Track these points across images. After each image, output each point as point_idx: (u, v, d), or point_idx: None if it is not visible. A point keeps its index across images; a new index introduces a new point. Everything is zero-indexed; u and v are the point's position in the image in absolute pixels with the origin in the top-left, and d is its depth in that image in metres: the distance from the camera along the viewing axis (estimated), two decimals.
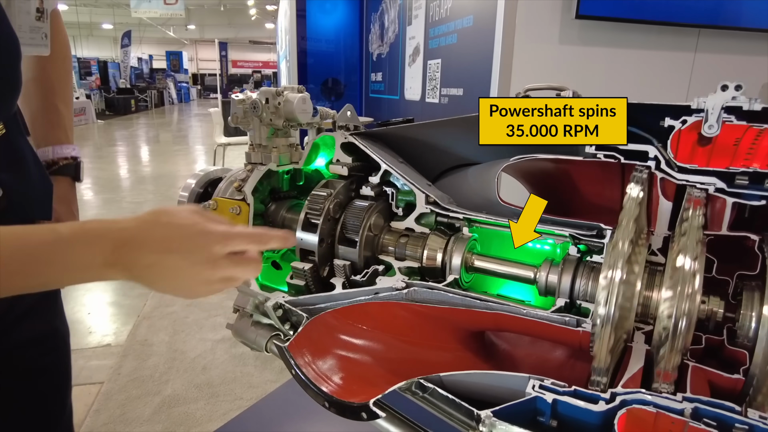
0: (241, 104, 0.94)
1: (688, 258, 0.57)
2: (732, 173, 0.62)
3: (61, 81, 1.06)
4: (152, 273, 0.55)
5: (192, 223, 0.56)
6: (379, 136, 0.97)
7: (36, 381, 0.94)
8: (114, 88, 18.98)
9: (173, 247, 0.55)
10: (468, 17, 2.89)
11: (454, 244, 0.82)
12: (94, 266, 0.54)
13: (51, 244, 0.53)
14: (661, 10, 2.50)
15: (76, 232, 0.54)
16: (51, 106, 1.02)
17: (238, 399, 2.34)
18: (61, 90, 1.06)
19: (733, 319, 0.62)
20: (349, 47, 5.90)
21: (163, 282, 0.57)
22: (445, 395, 0.63)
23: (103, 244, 0.54)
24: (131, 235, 0.55)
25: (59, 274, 0.55)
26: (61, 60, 1.05)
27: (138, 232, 0.55)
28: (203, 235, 0.55)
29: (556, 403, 0.59)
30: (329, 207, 0.88)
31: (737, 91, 0.61)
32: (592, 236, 0.72)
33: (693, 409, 0.53)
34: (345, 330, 0.81)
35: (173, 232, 0.55)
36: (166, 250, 0.55)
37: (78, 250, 0.53)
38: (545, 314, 0.69)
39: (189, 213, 0.58)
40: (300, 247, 0.89)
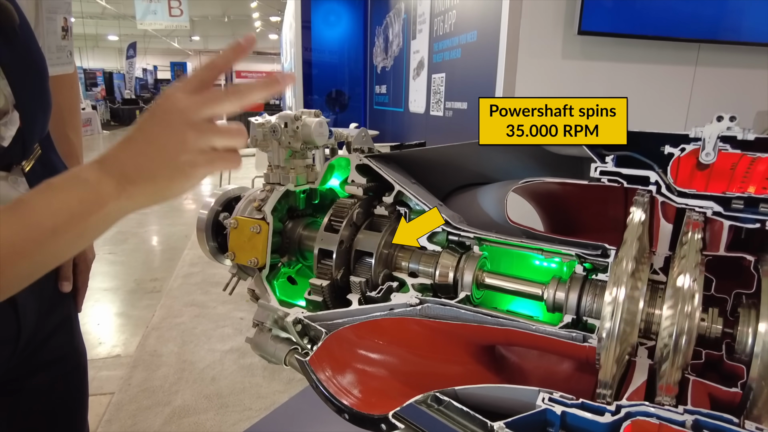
0: (260, 128, 0.98)
1: (688, 278, 0.61)
2: (728, 198, 0.66)
3: (71, 109, 1.06)
4: (139, 160, 0.53)
5: (167, 108, 0.54)
6: (392, 158, 1.02)
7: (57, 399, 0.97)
8: (119, 99, 19.17)
9: (153, 128, 0.54)
10: (472, 32, 2.95)
11: (465, 261, 0.86)
12: (87, 187, 0.52)
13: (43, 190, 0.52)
14: (662, 25, 2.55)
15: (63, 174, 0.54)
16: (63, 137, 1.02)
17: (247, 409, 2.37)
18: (71, 118, 1.06)
19: (732, 335, 0.66)
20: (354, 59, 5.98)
21: (151, 165, 0.53)
22: (460, 407, 0.66)
23: (89, 166, 0.53)
24: (112, 147, 0.55)
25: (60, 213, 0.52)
26: (69, 87, 1.04)
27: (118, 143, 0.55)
28: (179, 107, 0.53)
29: (565, 415, 0.62)
30: (352, 214, 0.94)
31: (732, 122, 0.65)
32: (597, 255, 0.76)
33: (694, 421, 0.56)
34: (362, 344, 0.85)
35: (150, 120, 0.54)
36: (147, 134, 0.54)
37: (67, 181, 0.53)
38: (553, 330, 0.73)
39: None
40: (320, 247, 0.93)
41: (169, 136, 0.53)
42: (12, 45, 0.71)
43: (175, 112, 0.53)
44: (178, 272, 4.18)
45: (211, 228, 1.10)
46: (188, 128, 0.53)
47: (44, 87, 0.81)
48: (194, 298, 3.65)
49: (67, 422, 1.01)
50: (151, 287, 3.96)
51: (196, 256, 4.46)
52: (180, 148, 0.53)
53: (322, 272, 0.93)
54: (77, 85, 1.10)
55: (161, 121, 0.54)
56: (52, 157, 0.89)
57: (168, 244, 5.21)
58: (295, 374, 2.65)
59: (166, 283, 3.99)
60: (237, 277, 1.08)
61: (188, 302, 3.60)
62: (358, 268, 0.93)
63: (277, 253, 1.04)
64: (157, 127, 0.54)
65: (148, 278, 4.15)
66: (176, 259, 4.53)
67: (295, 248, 1.05)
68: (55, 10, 0.92)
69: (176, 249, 4.83)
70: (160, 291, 3.85)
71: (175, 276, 4.10)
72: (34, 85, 0.78)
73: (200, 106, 0.54)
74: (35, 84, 0.78)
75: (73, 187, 0.52)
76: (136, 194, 0.54)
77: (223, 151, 0.56)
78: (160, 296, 3.74)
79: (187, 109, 0.53)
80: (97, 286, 3.96)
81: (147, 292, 3.86)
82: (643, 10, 2.51)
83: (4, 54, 0.69)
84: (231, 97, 0.55)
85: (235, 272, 1.07)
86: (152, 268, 4.47)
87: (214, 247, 1.12)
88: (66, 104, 1.02)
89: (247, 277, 1.08)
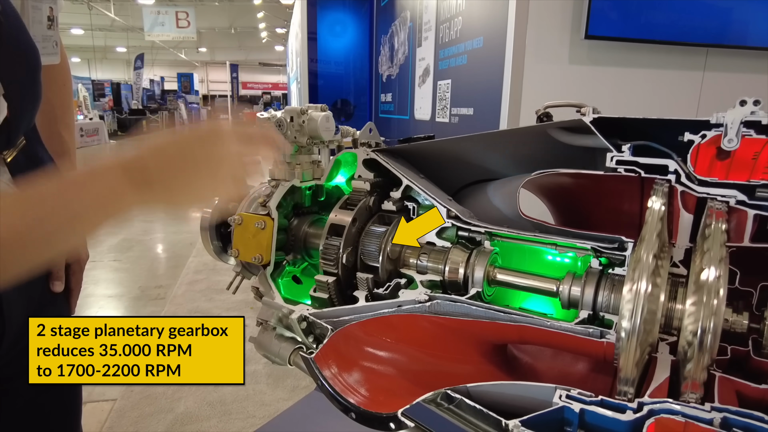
0: (266, 123, 0.97)
1: (713, 271, 0.58)
2: (753, 186, 0.63)
3: (63, 107, 1.05)
4: (166, 171, 0.56)
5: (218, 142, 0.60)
6: (399, 152, 0.99)
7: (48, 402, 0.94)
8: (126, 109, 19.33)
9: (194, 149, 0.58)
10: (478, 38, 2.94)
11: (476, 257, 0.83)
12: (107, 185, 0.53)
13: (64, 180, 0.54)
14: (669, 29, 2.53)
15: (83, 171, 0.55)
16: (55, 134, 1.01)
17: (250, 417, 2.33)
18: (63, 116, 1.05)
19: (759, 330, 0.63)
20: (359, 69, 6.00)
21: (176, 179, 0.57)
22: (473, 405, 0.63)
23: (112, 165, 0.54)
24: (138, 152, 0.56)
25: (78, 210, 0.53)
26: (61, 85, 1.03)
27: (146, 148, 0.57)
28: (229, 149, 0.60)
29: (584, 412, 0.59)
30: (369, 200, 0.95)
31: (756, 106, 0.62)
32: (614, 249, 0.73)
33: (722, 419, 0.53)
34: (369, 342, 0.82)
35: (195, 141, 0.59)
36: (184, 151, 0.58)
37: (88, 177, 0.54)
38: (569, 326, 0.70)
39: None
40: (332, 223, 0.92)
41: (210, 177, 0.58)
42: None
43: (227, 159, 0.59)
44: (183, 279, 4.16)
45: (215, 227, 1.08)
46: (229, 173, 0.59)
47: (35, 78, 0.80)
48: (198, 305, 3.63)
49: (60, 425, 0.98)
50: (155, 294, 3.94)
51: (200, 264, 4.44)
52: (212, 185, 0.59)
53: (329, 254, 0.90)
54: (70, 84, 1.09)
55: (211, 158, 0.58)
56: (38, 150, 0.87)
57: (173, 252, 5.20)
58: (299, 382, 2.61)
59: (171, 290, 3.97)
60: (241, 275, 1.06)
61: (192, 309, 3.57)
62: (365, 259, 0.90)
63: (282, 251, 1.02)
64: (200, 150, 0.58)
65: (153, 285, 4.13)
66: (181, 266, 4.51)
67: (300, 246, 1.03)
68: (41, 0, 0.90)
69: (181, 256, 4.82)
70: (165, 298, 3.83)
71: (179, 283, 4.08)
72: (23, 76, 0.77)
73: (247, 156, 0.62)
74: (26, 74, 0.77)
75: (93, 183, 0.53)
76: (152, 201, 0.56)
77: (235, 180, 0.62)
78: (165, 303, 3.72)
79: (235, 154, 0.60)
80: (101, 292, 3.94)
81: (151, 299, 3.84)
82: (650, 14, 2.49)
83: None
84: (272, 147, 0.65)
85: (239, 270, 1.04)
86: (157, 276, 4.46)
87: (218, 246, 1.10)
88: (58, 101, 1.01)
89: (252, 275, 1.06)
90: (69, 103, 1.09)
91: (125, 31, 23.29)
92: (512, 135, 0.92)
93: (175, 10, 18.34)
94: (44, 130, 0.94)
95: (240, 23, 24.72)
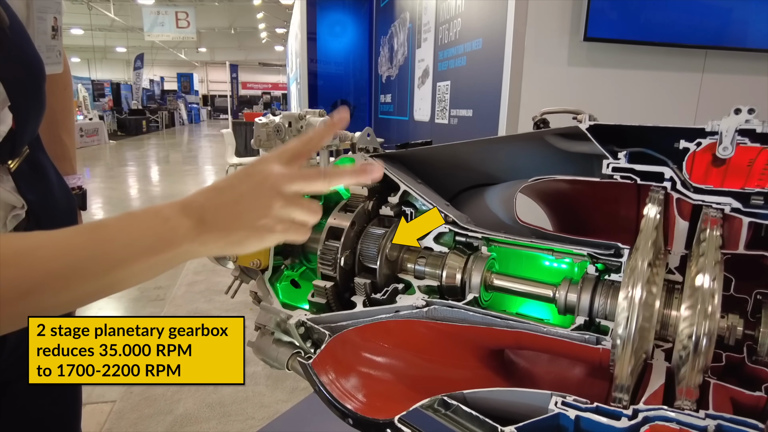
0: (264, 127, 0.97)
1: (707, 277, 0.58)
2: (747, 193, 0.63)
3: (64, 111, 1.06)
4: (221, 211, 0.55)
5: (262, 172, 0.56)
6: (397, 157, 1.00)
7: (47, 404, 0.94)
8: (126, 110, 19.33)
9: (242, 187, 0.55)
10: (477, 40, 2.95)
11: (473, 263, 0.83)
12: (166, 225, 0.53)
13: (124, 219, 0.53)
14: (668, 31, 2.54)
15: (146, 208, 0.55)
16: (55, 138, 1.02)
17: (250, 419, 2.33)
18: (64, 120, 1.06)
19: (753, 336, 0.63)
20: (359, 70, 6.01)
21: (232, 220, 0.55)
22: (469, 412, 0.64)
23: (172, 205, 0.54)
24: (198, 193, 0.56)
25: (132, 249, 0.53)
26: (62, 89, 1.04)
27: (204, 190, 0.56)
28: (274, 175, 0.56)
29: (579, 419, 0.59)
30: (367, 204, 0.95)
31: (750, 114, 0.63)
32: (610, 255, 0.74)
33: (716, 426, 0.53)
34: (367, 347, 0.82)
35: (243, 179, 0.56)
36: (236, 191, 0.55)
37: (148, 215, 0.54)
38: (565, 332, 0.70)
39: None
40: (331, 226, 0.92)
41: (256, 199, 0.55)
42: (3, 46, 0.70)
43: (269, 178, 0.56)
44: (182, 280, 4.16)
45: None
46: (276, 197, 0.56)
47: (40, 89, 0.80)
48: (197, 306, 3.63)
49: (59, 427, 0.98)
50: (154, 295, 3.94)
51: (200, 265, 4.44)
52: (263, 213, 0.56)
53: (327, 257, 0.91)
54: (71, 88, 1.10)
55: (254, 183, 0.56)
56: (41, 158, 0.88)
57: None
58: (298, 384, 2.62)
59: (170, 291, 3.97)
60: (239, 280, 1.06)
61: (191, 310, 3.57)
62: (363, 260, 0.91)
63: (280, 256, 1.02)
64: (248, 187, 0.56)
65: (152, 286, 4.13)
66: (180, 267, 4.51)
67: (298, 250, 1.03)
68: (46, 10, 0.90)
69: None
70: (164, 299, 3.84)
71: (179, 284, 4.09)
72: (29, 87, 0.77)
73: (293, 180, 0.56)
74: (31, 85, 0.78)
75: (152, 221, 0.53)
76: (209, 242, 0.55)
77: (298, 223, 0.59)
78: (164, 304, 3.72)
79: (280, 179, 0.56)
80: None
81: (150, 300, 3.85)
82: (649, 16, 2.50)
83: None
84: (322, 177, 0.59)
85: (237, 275, 1.05)
86: (156, 277, 4.46)
87: None
88: (59, 106, 1.02)
89: (250, 280, 1.06)
90: (70, 108, 1.10)
91: (125, 31, 23.30)
92: (509, 141, 0.93)
93: (175, 10, 18.35)
94: (45, 135, 0.95)
95: (240, 23, 24.74)
